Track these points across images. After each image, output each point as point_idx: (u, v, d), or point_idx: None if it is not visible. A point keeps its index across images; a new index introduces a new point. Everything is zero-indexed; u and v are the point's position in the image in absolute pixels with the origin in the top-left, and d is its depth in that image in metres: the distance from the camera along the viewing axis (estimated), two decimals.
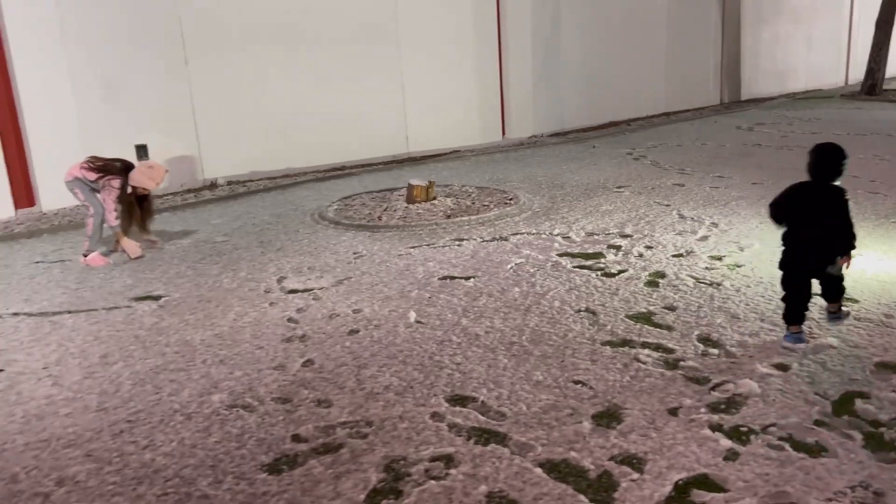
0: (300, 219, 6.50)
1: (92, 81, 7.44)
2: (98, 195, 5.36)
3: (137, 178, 5.37)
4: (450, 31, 10.37)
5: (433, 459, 2.53)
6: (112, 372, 3.42)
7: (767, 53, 16.59)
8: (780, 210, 3.37)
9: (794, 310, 3.37)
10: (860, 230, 5.22)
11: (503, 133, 11.34)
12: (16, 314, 4.33)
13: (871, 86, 15.18)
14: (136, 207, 5.50)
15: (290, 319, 3.99)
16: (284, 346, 3.61)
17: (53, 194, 7.38)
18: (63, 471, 2.59)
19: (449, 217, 6.08)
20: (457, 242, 5.41)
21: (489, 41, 10.83)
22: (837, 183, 3.36)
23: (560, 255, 4.92)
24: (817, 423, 2.68)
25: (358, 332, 3.76)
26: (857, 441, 2.55)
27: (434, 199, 6.63)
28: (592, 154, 9.53)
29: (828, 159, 3.32)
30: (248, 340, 3.72)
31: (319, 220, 6.35)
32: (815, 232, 3.26)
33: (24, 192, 7.36)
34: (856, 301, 3.88)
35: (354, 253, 5.27)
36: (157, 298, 4.49)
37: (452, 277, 4.57)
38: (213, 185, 8.33)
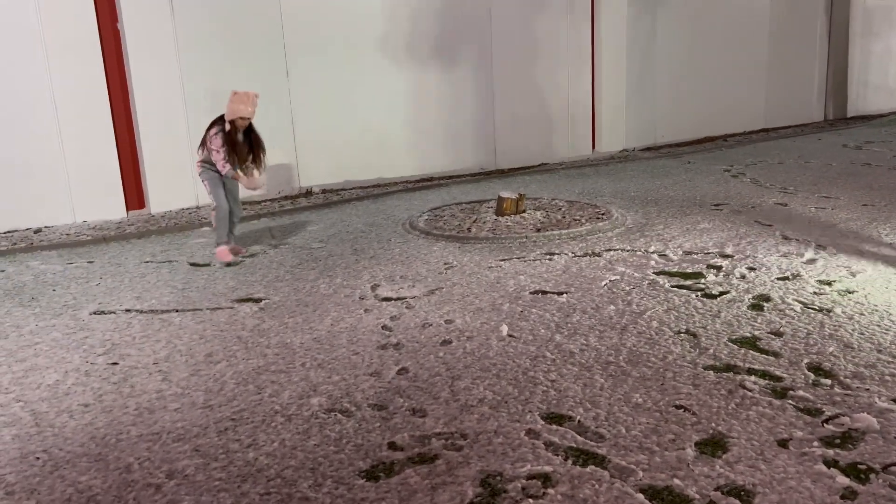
0: (392, 228, 6.61)
1: (201, 91, 7.83)
2: (220, 185, 5.50)
3: (231, 110, 5.32)
4: (543, 45, 10.33)
5: (530, 477, 2.50)
6: (216, 370, 3.57)
7: (878, 68, 15.69)
8: None
9: None
10: None
11: (593, 147, 11.19)
12: (128, 311, 4.59)
13: None
14: (244, 144, 5.49)
15: (384, 327, 4.05)
16: (380, 353, 3.67)
17: (162, 198, 7.81)
18: (173, 464, 2.71)
19: (539, 230, 6.04)
20: (548, 256, 5.35)
21: (582, 54, 10.73)
22: None
23: (657, 274, 4.79)
24: None
25: (451, 342, 3.78)
26: None
27: (524, 211, 6.60)
28: (688, 170, 9.26)
29: None
30: (345, 346, 3.80)
31: (410, 230, 6.43)
32: None
33: (135, 195, 7.81)
34: None
35: (445, 263, 5.31)
36: (258, 301, 4.65)
37: (544, 292, 4.53)
38: (308, 193, 8.60)
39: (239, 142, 5.46)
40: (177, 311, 4.54)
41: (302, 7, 8.45)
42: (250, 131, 5.55)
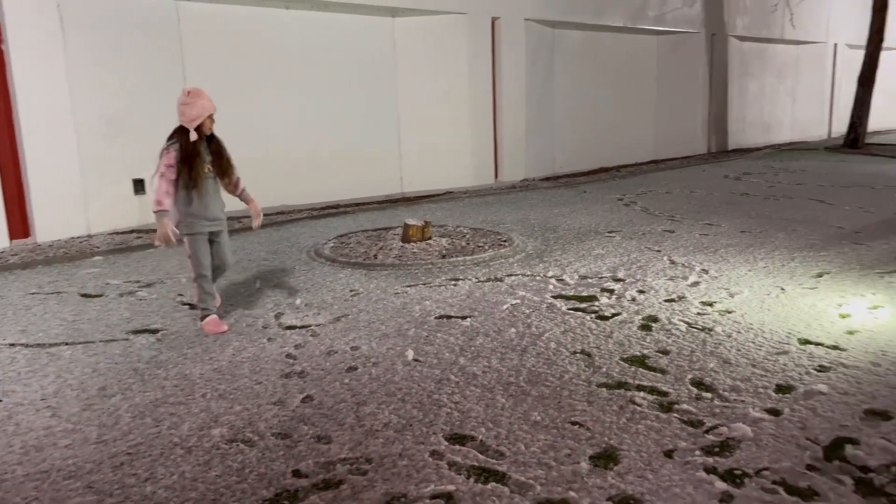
0: (296, 255, 6.56)
1: (94, 116, 7.53)
2: (205, 243, 4.44)
3: (196, 109, 4.23)
4: (446, 80, 10.61)
5: (434, 497, 2.56)
6: (111, 404, 3.43)
7: (754, 105, 17.06)
8: None
9: None
10: (846, 280, 5.37)
11: (496, 176, 11.52)
12: (12, 345, 4.33)
13: (854, 139, 15.60)
14: (206, 155, 4.37)
15: (288, 355, 4.03)
16: (283, 382, 3.64)
17: (50, 226, 7.42)
18: (64, 502, 2.59)
19: (444, 257, 6.17)
20: (452, 282, 5.48)
21: (484, 90, 11.08)
22: None
23: (555, 297, 5.00)
24: (809, 467, 2.74)
25: (356, 368, 3.80)
26: (847, 486, 2.61)
27: (429, 238, 6.72)
28: (584, 199, 9.70)
29: None
30: (248, 375, 3.74)
31: (315, 257, 6.41)
32: None
33: (19, 223, 7.38)
34: (844, 350, 3.97)
35: (351, 290, 5.33)
36: (154, 332, 4.51)
37: (449, 317, 4.63)
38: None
39: (199, 153, 4.32)
40: (66, 343, 4.33)
41: (203, 32, 8.34)
42: (213, 139, 4.47)
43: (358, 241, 7.01)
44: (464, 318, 4.60)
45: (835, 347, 4.00)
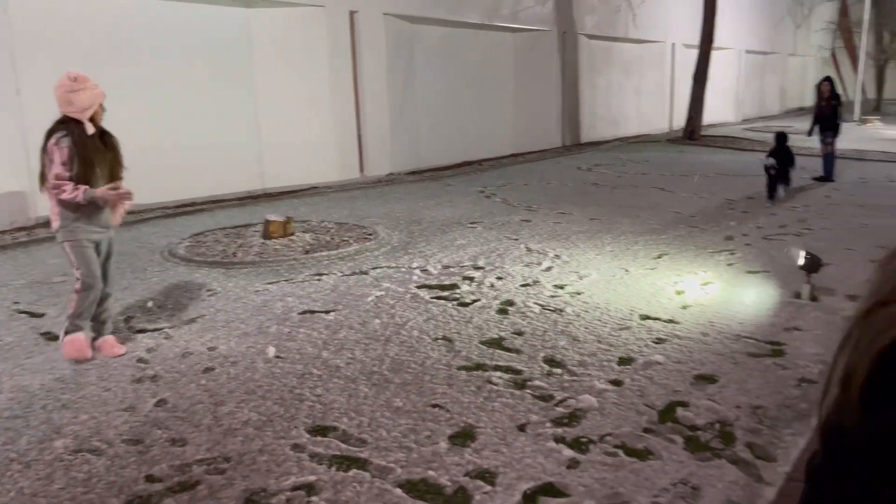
0: (148, 256, 6.24)
1: None
2: (92, 252, 3.79)
3: (77, 102, 3.67)
4: (306, 74, 10.45)
5: (295, 489, 2.55)
6: None
7: (603, 100, 18.11)
8: None
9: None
10: (682, 260, 5.87)
11: (361, 171, 11.50)
12: None
13: (691, 132, 16.98)
14: (105, 150, 3.82)
15: (139, 360, 3.84)
16: (134, 387, 3.47)
17: None
18: None
19: (308, 252, 6.10)
20: (316, 277, 5.44)
21: (345, 84, 11.01)
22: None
23: (418, 288, 5.10)
24: (646, 430, 3.00)
25: (213, 369, 3.69)
26: (678, 444, 2.88)
27: (292, 234, 6.62)
28: (447, 192, 9.91)
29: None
30: (94, 383, 3.53)
31: (169, 258, 6.12)
32: None
33: None
34: (678, 323, 4.35)
35: (208, 290, 5.15)
36: None
37: (313, 312, 4.60)
38: (48, 224, 7.77)
39: (101, 148, 3.79)
40: None
41: (34, 21, 7.69)
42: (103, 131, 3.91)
43: (216, 239, 6.77)
44: (328, 312, 4.58)
45: (671, 321, 4.38)
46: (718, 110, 23.12)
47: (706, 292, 5.02)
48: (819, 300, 4.77)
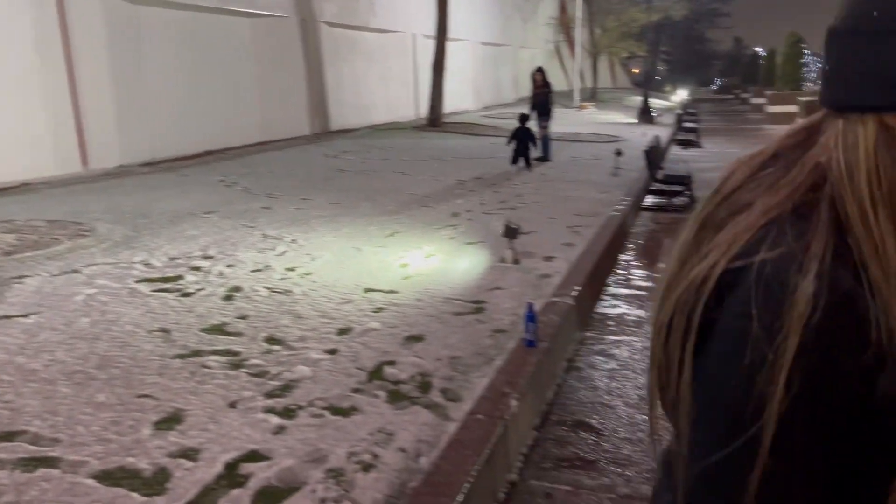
0: None
1: None
2: None
3: None
4: (2, 56, 9.28)
5: None
6: None
7: (350, 88, 18.42)
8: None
9: None
10: (412, 237, 6.27)
11: (84, 163, 10.53)
12: None
13: (434, 119, 17.99)
14: None
15: None
16: None
17: None
18: None
19: (9, 255, 5.49)
20: (17, 281, 4.93)
21: (56, 70, 9.97)
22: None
23: (138, 282, 4.86)
24: (354, 390, 3.22)
25: None
26: (381, 398, 3.15)
27: None
28: (184, 182, 9.48)
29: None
30: None
31: None
32: None
33: None
34: (398, 292, 4.68)
35: None
36: None
37: (9, 317, 4.18)
38: None
39: None
40: None
41: None
42: None
43: None
44: (27, 315, 4.20)
45: (391, 291, 4.70)
46: (460, 98, 24.71)
47: (428, 264, 5.44)
48: (520, 262, 5.42)
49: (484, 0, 27.46)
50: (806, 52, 23.48)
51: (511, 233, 5.36)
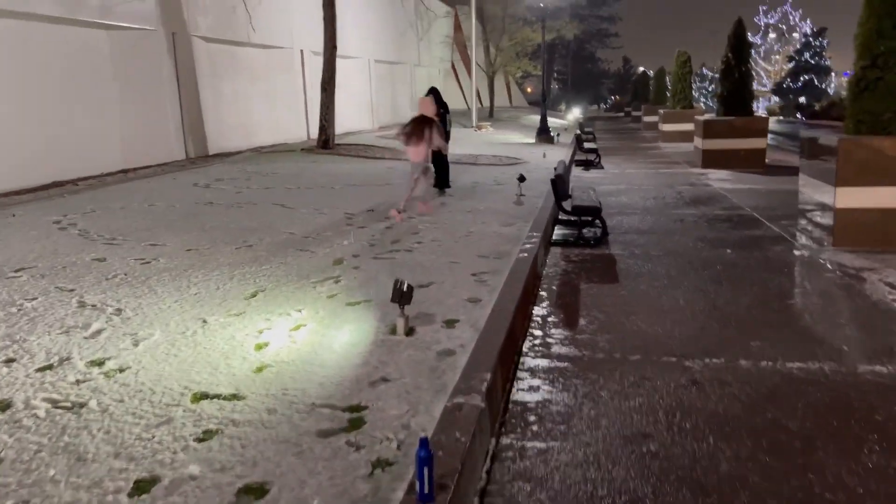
0: None
1: None
2: None
3: None
4: None
5: None
6: None
7: (232, 109, 16.76)
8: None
9: None
10: (279, 297, 4.90)
11: None
12: None
13: (325, 140, 16.58)
14: None
15: None
16: None
17: None
18: None
19: None
20: None
21: None
22: None
23: None
24: None
25: None
26: None
27: None
28: (8, 226, 7.72)
29: None
30: None
31: None
32: None
33: None
34: (243, 398, 3.36)
35: None
36: None
37: None
38: None
39: None
40: None
41: None
42: None
43: None
44: None
45: (234, 396, 3.37)
46: (355, 118, 23.44)
47: (293, 341, 4.14)
48: (414, 332, 4.22)
49: (377, 17, 26.38)
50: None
51: (402, 297, 4.15)
